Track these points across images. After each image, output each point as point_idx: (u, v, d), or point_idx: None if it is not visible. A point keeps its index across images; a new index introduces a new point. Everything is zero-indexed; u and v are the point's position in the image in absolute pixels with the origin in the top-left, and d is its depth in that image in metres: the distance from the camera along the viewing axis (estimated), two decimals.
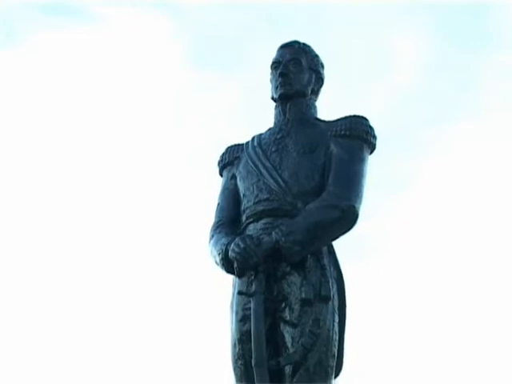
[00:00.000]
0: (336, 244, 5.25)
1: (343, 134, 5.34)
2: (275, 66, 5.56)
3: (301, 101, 5.49)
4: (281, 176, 5.26)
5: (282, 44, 5.63)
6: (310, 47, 5.62)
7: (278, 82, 5.48)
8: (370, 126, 5.41)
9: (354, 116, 5.41)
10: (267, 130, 5.58)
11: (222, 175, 5.67)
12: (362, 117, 5.42)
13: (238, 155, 5.59)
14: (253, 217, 5.26)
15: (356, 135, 5.33)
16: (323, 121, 5.50)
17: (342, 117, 5.43)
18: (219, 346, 5.40)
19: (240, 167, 5.50)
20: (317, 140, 5.34)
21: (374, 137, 5.41)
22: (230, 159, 5.62)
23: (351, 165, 5.24)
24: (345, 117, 5.42)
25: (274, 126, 5.54)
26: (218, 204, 5.53)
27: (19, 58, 12.99)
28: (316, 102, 5.60)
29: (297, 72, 5.50)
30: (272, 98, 5.57)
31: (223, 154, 5.71)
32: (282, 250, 5.01)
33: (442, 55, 12.98)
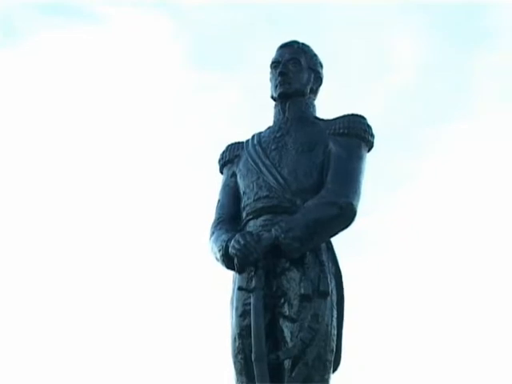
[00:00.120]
0: (335, 240, 5.27)
1: (341, 132, 5.37)
2: (275, 65, 5.59)
3: (300, 100, 5.52)
4: (280, 173, 5.29)
5: (282, 44, 5.66)
6: (309, 47, 5.65)
7: (278, 81, 5.51)
8: (367, 124, 5.44)
9: (352, 115, 5.45)
10: (267, 129, 5.60)
11: (222, 173, 5.70)
12: (360, 115, 5.45)
13: (238, 153, 5.61)
14: (253, 214, 5.29)
15: (354, 134, 5.36)
16: (322, 119, 5.53)
17: (341, 115, 5.46)
18: (220, 340, 5.43)
19: (240, 165, 5.53)
20: (316, 138, 5.37)
21: (372, 135, 5.44)
22: (231, 157, 5.65)
23: (349, 163, 5.27)
24: (343, 115, 5.46)
25: (274, 124, 5.57)
26: (219, 201, 5.56)
27: (19, 58, 12.96)
28: (315, 100, 5.63)
29: (296, 71, 5.53)
30: (271, 97, 5.60)
31: (223, 151, 5.74)
32: (281, 246, 5.04)
33: (439, 55, 13.01)
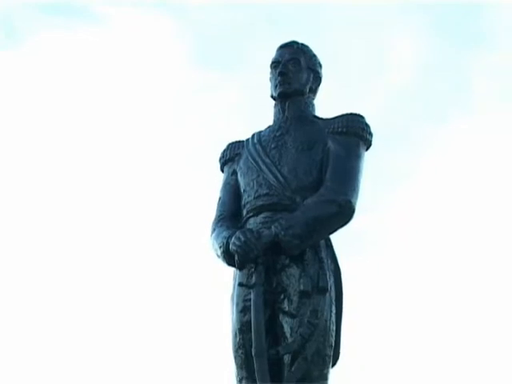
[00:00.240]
0: (334, 238, 5.32)
1: (340, 131, 5.42)
2: (275, 65, 5.65)
3: (299, 99, 5.57)
4: (280, 172, 5.34)
5: (282, 44, 5.71)
6: (308, 47, 5.70)
7: (278, 80, 5.56)
8: (366, 123, 5.49)
9: (350, 114, 5.50)
10: (267, 128, 5.65)
11: (223, 171, 5.75)
12: (358, 115, 5.50)
13: (238, 152, 5.66)
14: (253, 211, 5.34)
15: (352, 132, 5.41)
16: (321, 118, 5.58)
17: (339, 115, 5.51)
18: (221, 335, 5.49)
19: (241, 163, 5.58)
20: (315, 137, 5.42)
21: (370, 134, 5.49)
22: (231, 155, 5.70)
23: (348, 161, 5.32)
24: (342, 115, 5.51)
25: (274, 123, 5.62)
26: (220, 198, 5.60)
27: (20, 58, 12.99)
28: (314, 100, 5.68)
29: (296, 71, 5.58)
30: (271, 97, 5.65)
31: (224, 150, 5.79)
32: (281, 243, 5.09)
33: (438, 55, 13.05)
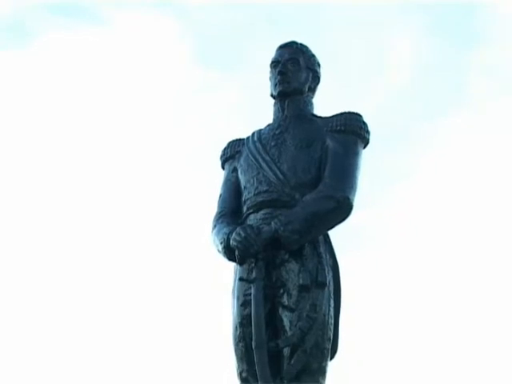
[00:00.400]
0: (334, 234, 5.40)
1: (338, 129, 5.50)
2: (274, 64, 5.73)
3: (298, 98, 5.65)
4: (279, 169, 5.42)
5: (281, 44, 5.80)
6: (308, 47, 5.78)
7: (277, 79, 5.65)
8: (363, 121, 5.57)
9: (348, 112, 5.58)
10: (266, 126, 5.73)
11: (223, 168, 5.83)
12: (356, 113, 5.59)
13: (239, 149, 5.75)
14: (253, 207, 5.42)
15: (351, 130, 5.50)
16: (319, 117, 5.66)
17: (338, 113, 5.60)
18: (221, 329, 5.58)
19: (241, 161, 5.66)
20: (313, 135, 5.51)
21: (368, 132, 5.57)
22: (232, 153, 5.79)
23: (346, 158, 5.40)
24: (340, 113, 5.59)
25: (273, 121, 5.70)
26: (220, 195, 5.69)
27: (29, 58, 13.09)
28: (313, 99, 5.76)
29: (295, 71, 5.66)
30: (271, 95, 5.74)
31: (225, 148, 5.88)
32: (280, 238, 5.18)
33: (437, 55, 13.12)
